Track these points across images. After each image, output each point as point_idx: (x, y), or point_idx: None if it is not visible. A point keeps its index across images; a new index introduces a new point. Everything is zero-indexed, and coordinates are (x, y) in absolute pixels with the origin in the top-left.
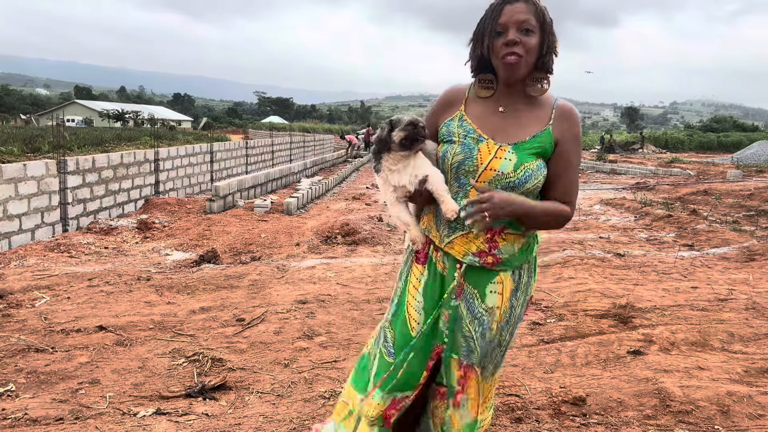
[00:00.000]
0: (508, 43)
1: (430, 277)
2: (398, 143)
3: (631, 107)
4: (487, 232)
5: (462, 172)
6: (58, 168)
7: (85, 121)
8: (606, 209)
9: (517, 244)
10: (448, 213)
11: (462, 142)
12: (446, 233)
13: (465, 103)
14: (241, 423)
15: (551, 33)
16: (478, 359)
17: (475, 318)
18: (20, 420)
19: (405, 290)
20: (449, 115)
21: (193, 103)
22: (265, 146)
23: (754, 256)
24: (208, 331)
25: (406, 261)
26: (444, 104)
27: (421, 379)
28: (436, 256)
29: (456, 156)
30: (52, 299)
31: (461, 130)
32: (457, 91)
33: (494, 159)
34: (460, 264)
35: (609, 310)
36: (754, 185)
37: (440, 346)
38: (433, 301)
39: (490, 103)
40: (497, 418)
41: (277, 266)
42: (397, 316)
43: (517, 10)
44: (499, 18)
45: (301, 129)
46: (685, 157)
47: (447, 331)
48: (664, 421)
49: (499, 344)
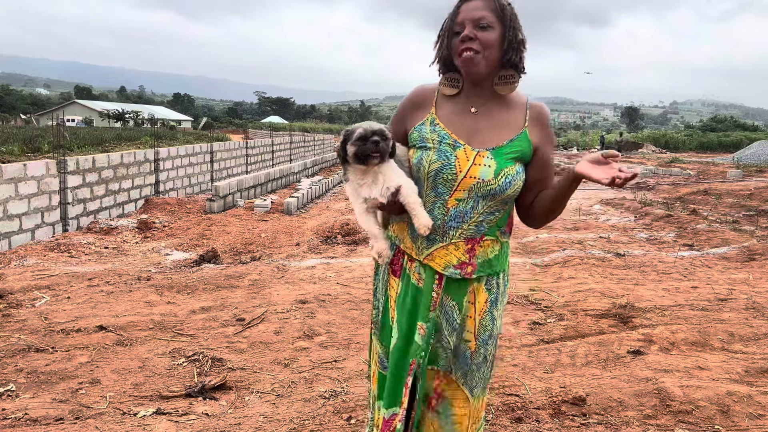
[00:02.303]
0: (463, 39)
1: (404, 289)
2: (352, 157)
3: (631, 107)
4: (467, 243)
5: (440, 180)
6: (58, 168)
7: (85, 121)
8: (606, 209)
9: (492, 251)
10: (421, 228)
11: (438, 149)
12: (425, 245)
13: (435, 105)
14: (241, 423)
15: (514, 27)
16: (459, 372)
17: (454, 330)
18: (20, 420)
19: (387, 305)
20: (419, 118)
21: (193, 103)
22: (265, 146)
23: (754, 255)
24: (208, 331)
25: (381, 274)
26: (412, 106)
27: (403, 397)
28: (411, 268)
29: (433, 164)
30: (52, 299)
31: (435, 135)
32: (425, 92)
33: (473, 166)
34: (440, 276)
35: (609, 310)
36: (754, 185)
37: (416, 362)
38: (408, 314)
39: (461, 104)
40: (497, 418)
41: (277, 266)
42: (384, 331)
43: (473, 7)
44: (457, 17)
45: (301, 129)
46: (685, 157)
47: (423, 345)
48: (664, 420)
49: (485, 359)
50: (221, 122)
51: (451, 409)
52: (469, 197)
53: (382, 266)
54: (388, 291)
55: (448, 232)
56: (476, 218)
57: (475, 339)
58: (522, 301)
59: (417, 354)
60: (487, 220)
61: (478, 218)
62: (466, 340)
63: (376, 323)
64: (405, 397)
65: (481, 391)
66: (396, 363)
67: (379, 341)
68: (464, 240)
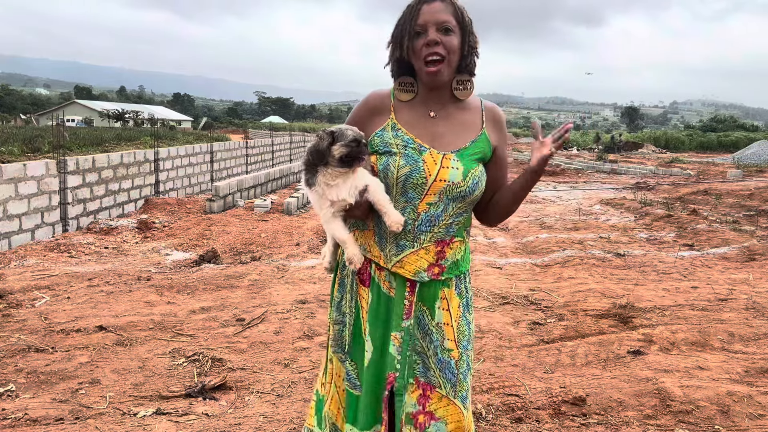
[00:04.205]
0: (429, 43)
1: (374, 299)
2: (338, 159)
3: (631, 107)
4: (437, 245)
5: (410, 185)
6: (58, 168)
7: (85, 121)
8: (606, 209)
9: (459, 251)
10: (393, 225)
11: (404, 154)
12: (394, 252)
13: (393, 110)
14: (241, 423)
15: (471, 32)
16: (449, 386)
17: (427, 334)
18: (20, 420)
19: (358, 316)
20: (378, 124)
21: (193, 103)
22: (265, 146)
23: (754, 255)
24: (208, 331)
25: (347, 284)
26: (368, 112)
27: (382, 413)
28: (380, 276)
29: (401, 169)
30: (52, 299)
31: (398, 140)
32: (381, 96)
33: (442, 169)
34: (412, 284)
35: (609, 310)
36: (754, 185)
37: (392, 375)
38: (380, 325)
39: (419, 108)
40: (497, 418)
41: (277, 266)
42: (357, 346)
43: (436, 9)
44: (418, 18)
45: (302, 129)
46: (685, 157)
47: (399, 357)
48: (664, 421)
49: (468, 366)
50: (221, 122)
51: (446, 427)
52: (439, 200)
53: (348, 277)
54: (359, 302)
55: (419, 237)
56: (446, 221)
57: (457, 347)
58: (522, 301)
59: (393, 367)
60: (456, 221)
61: (447, 220)
62: (449, 349)
63: (339, 340)
64: (385, 414)
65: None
66: (371, 378)
67: (350, 358)
68: (435, 243)
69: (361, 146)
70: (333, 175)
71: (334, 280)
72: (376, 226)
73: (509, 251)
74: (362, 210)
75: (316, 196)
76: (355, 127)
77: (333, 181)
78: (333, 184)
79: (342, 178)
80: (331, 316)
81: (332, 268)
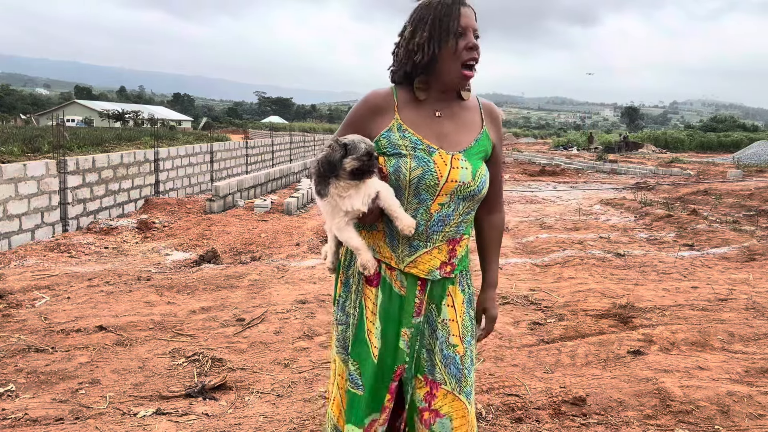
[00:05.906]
0: (474, 47)
1: (385, 299)
2: (349, 172)
3: (631, 107)
4: (449, 244)
5: (423, 187)
6: (58, 168)
7: (85, 121)
8: (606, 209)
9: (465, 248)
10: (405, 229)
11: (414, 155)
12: (407, 253)
13: (397, 110)
14: (241, 423)
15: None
16: (454, 381)
17: (434, 331)
18: (20, 420)
19: (362, 317)
20: (383, 124)
21: (193, 103)
22: (265, 146)
23: (754, 255)
24: (208, 331)
25: (352, 284)
26: (369, 111)
27: (386, 402)
28: (391, 276)
29: (413, 171)
30: (52, 299)
31: (407, 141)
32: (382, 96)
33: (452, 169)
34: (423, 282)
35: (609, 310)
36: (754, 185)
37: (401, 366)
38: (392, 323)
39: (424, 108)
40: (497, 418)
41: (277, 266)
42: (359, 345)
43: (470, 15)
44: (459, 20)
45: (301, 129)
46: (686, 157)
47: (408, 350)
48: (664, 421)
49: (472, 361)
50: (221, 122)
51: (451, 423)
52: (450, 200)
53: (353, 277)
54: (364, 302)
55: (432, 237)
56: (457, 219)
57: (461, 342)
58: (522, 301)
59: (402, 359)
60: (465, 220)
61: (458, 219)
62: (454, 345)
63: (342, 340)
64: (390, 403)
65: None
66: (376, 373)
67: (352, 358)
68: (446, 242)
69: (373, 160)
70: (345, 187)
71: (336, 280)
72: (386, 228)
73: (509, 251)
74: (374, 216)
75: (328, 207)
76: (356, 126)
77: (346, 192)
78: (346, 196)
79: (354, 189)
80: (336, 316)
81: (334, 269)
